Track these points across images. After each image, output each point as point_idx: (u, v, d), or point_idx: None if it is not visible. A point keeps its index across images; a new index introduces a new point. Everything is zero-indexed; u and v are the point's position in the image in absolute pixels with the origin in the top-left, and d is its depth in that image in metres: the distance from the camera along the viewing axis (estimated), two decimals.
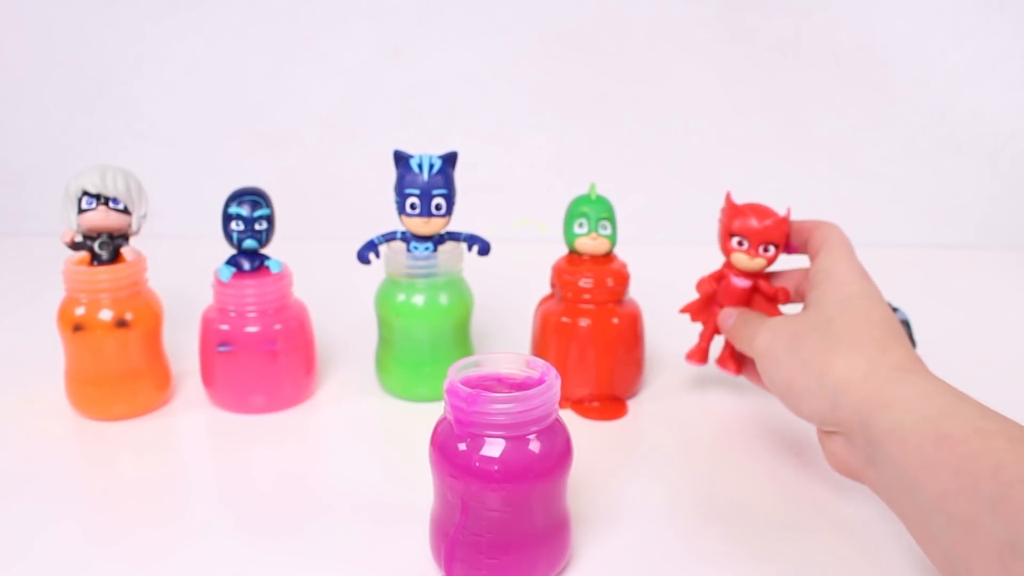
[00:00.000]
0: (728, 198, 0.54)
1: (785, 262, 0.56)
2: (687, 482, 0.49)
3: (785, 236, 0.53)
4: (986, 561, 0.31)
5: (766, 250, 0.53)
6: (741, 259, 0.54)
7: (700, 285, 0.56)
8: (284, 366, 0.56)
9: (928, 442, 0.35)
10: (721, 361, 0.57)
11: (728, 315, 0.54)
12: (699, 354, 0.57)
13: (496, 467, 0.37)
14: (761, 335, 0.48)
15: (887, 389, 0.39)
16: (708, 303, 0.57)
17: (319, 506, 0.46)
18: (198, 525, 0.45)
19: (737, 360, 0.56)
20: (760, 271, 0.55)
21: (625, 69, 0.97)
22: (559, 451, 0.38)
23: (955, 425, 0.35)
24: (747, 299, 0.55)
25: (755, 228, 0.53)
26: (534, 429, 0.37)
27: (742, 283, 0.55)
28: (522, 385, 0.39)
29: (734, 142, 0.99)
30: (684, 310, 0.57)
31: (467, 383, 0.39)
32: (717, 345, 0.58)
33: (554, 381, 0.38)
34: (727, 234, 0.54)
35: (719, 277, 0.55)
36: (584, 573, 0.41)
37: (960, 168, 0.98)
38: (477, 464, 0.37)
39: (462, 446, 0.37)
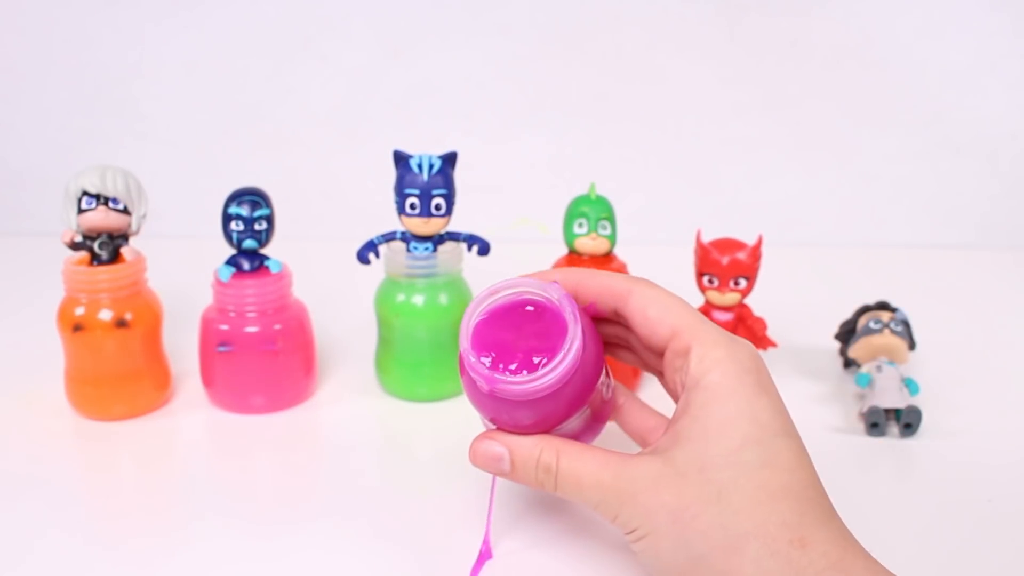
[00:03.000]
0: (697, 237, 0.57)
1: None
2: None
3: (756, 265, 0.55)
4: None
5: (736, 283, 0.56)
6: (714, 296, 0.57)
7: None
8: (284, 366, 0.56)
9: None
10: None
11: (499, 456, 0.38)
12: None
13: (530, 422, 0.37)
14: (620, 499, 0.35)
15: None
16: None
17: (319, 506, 0.46)
18: (198, 525, 0.45)
19: None
20: (738, 304, 0.57)
21: (625, 69, 0.97)
22: (591, 365, 0.36)
23: None
24: (733, 331, 0.57)
25: (722, 265, 0.55)
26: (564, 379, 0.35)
27: (724, 317, 0.57)
28: (545, 309, 0.37)
29: (734, 142, 0.99)
30: None
31: (489, 321, 0.37)
32: None
33: (573, 325, 0.35)
34: (699, 274, 0.56)
35: (704, 312, 0.56)
36: (585, 572, 0.41)
37: (960, 168, 0.98)
38: (507, 417, 0.37)
39: (489, 414, 0.37)
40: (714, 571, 0.33)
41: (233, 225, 0.54)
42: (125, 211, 0.53)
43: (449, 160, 0.55)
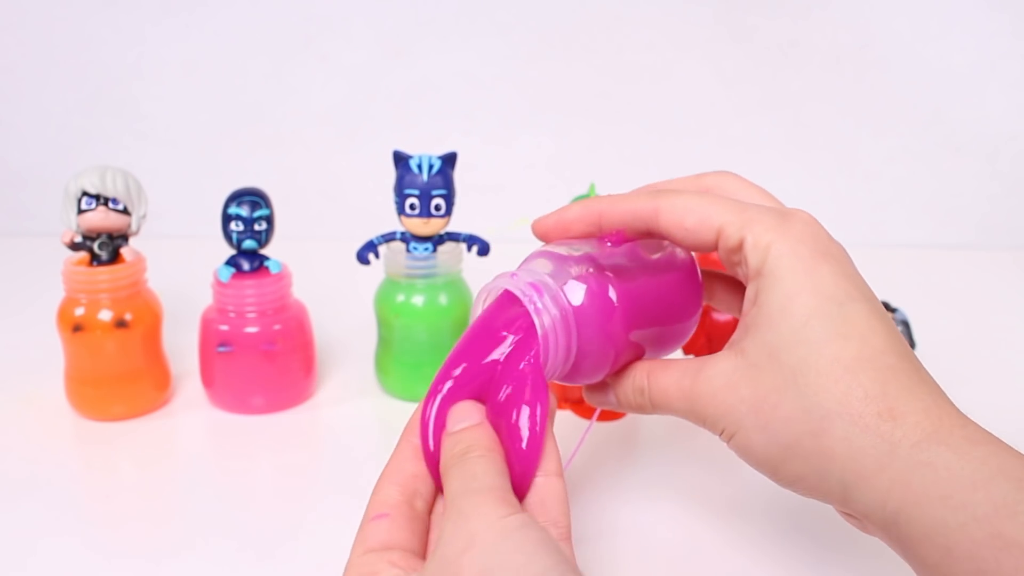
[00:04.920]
0: None
1: None
2: (688, 481, 0.49)
3: None
4: None
5: None
6: None
7: None
8: (283, 367, 0.56)
9: (985, 550, 0.27)
10: None
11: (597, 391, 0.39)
12: None
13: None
14: (701, 401, 0.34)
15: (915, 479, 0.29)
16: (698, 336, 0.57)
17: (319, 507, 0.46)
18: (197, 526, 0.45)
19: None
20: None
21: (625, 69, 0.97)
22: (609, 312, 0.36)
23: (1019, 528, 0.26)
24: (732, 331, 0.57)
25: (722, 265, 0.54)
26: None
27: (724, 316, 0.56)
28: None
29: (734, 142, 0.99)
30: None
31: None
32: None
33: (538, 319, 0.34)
34: None
35: (704, 312, 0.56)
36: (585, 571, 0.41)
37: (960, 168, 0.98)
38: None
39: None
40: (806, 456, 0.31)
41: (233, 225, 0.54)
42: (125, 211, 0.53)
43: (449, 160, 0.55)
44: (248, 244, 0.54)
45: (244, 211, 0.54)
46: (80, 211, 0.53)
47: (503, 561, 0.27)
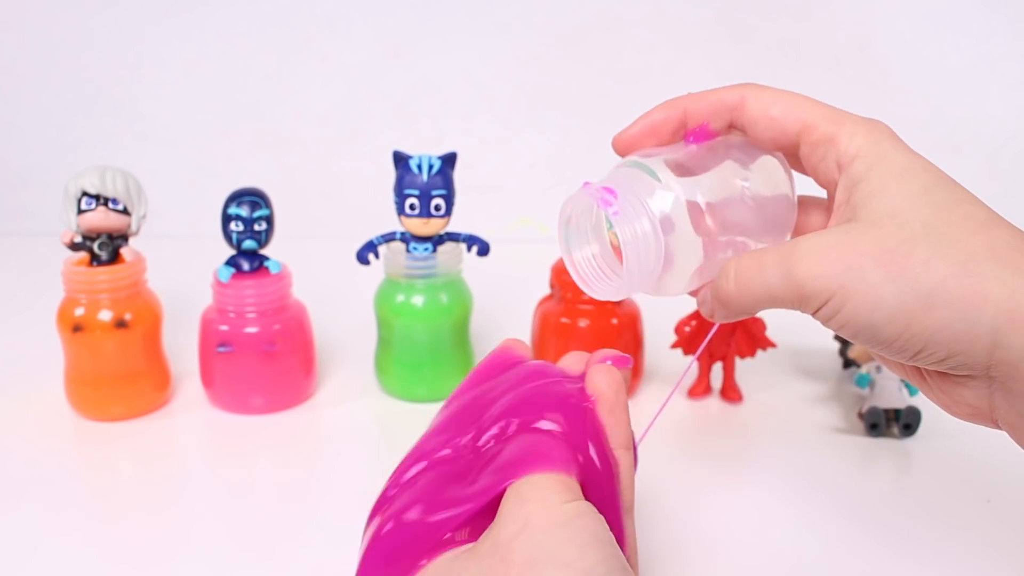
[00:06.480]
0: None
1: None
2: (687, 484, 0.49)
3: None
4: None
5: None
6: None
7: (680, 327, 0.57)
8: (283, 367, 0.56)
9: None
10: (724, 393, 0.59)
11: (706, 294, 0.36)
12: (701, 388, 0.59)
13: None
14: (804, 264, 0.31)
15: None
16: (696, 336, 0.57)
17: (318, 507, 0.46)
18: (197, 526, 0.45)
19: (738, 388, 0.58)
20: None
21: (625, 69, 0.97)
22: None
23: None
24: (732, 331, 0.57)
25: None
26: None
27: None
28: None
29: None
30: (675, 345, 0.58)
31: None
32: (716, 374, 0.59)
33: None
34: None
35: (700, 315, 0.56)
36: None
37: (960, 168, 0.96)
38: None
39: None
40: (951, 301, 0.29)
41: (233, 225, 0.54)
42: (125, 211, 0.53)
43: (448, 160, 0.55)
44: (248, 244, 0.54)
45: (244, 211, 0.54)
46: (80, 211, 0.53)
47: (552, 552, 0.26)
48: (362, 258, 0.57)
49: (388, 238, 0.57)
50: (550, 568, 0.26)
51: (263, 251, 0.56)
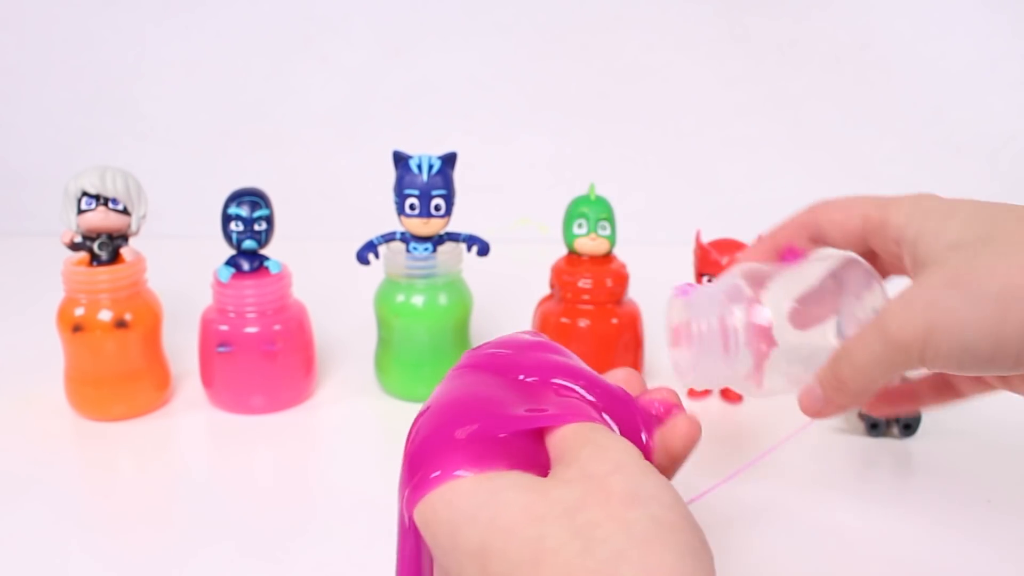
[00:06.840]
0: (697, 238, 0.56)
1: None
2: (687, 484, 0.49)
3: None
4: None
5: None
6: None
7: None
8: (283, 367, 0.56)
9: None
10: (724, 392, 0.59)
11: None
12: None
13: None
14: (895, 320, 0.33)
15: None
16: None
17: (318, 507, 0.46)
18: (197, 525, 0.45)
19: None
20: None
21: (625, 69, 0.97)
22: None
23: None
24: None
25: (722, 266, 0.56)
26: None
27: None
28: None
29: (734, 142, 0.99)
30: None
31: None
32: None
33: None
34: (698, 274, 0.56)
35: None
36: None
37: (960, 168, 0.98)
38: None
39: None
40: (1022, 295, 0.31)
41: (233, 225, 0.54)
42: (125, 211, 0.53)
43: (448, 161, 0.55)
44: (248, 244, 0.54)
45: (244, 211, 0.54)
46: (80, 211, 0.53)
47: (652, 492, 0.27)
48: (362, 258, 0.57)
49: (388, 238, 0.57)
50: (653, 505, 0.26)
51: (263, 251, 0.56)
